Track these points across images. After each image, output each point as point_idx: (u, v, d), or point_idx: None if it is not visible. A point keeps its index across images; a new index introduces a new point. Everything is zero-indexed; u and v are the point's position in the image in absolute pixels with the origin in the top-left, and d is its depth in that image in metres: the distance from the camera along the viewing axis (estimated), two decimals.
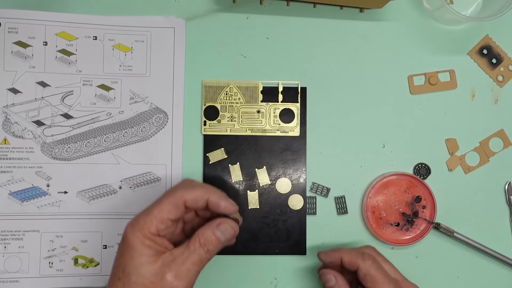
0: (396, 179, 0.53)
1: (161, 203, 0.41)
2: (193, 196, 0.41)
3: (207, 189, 0.42)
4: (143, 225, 0.40)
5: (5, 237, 0.51)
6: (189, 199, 0.41)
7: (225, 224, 0.42)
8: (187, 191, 0.41)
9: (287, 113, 0.53)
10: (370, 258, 0.45)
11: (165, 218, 0.40)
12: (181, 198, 0.41)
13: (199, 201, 0.41)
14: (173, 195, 0.41)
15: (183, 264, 0.39)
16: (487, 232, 0.54)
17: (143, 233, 0.39)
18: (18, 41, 0.51)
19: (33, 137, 0.51)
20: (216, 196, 0.42)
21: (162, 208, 0.40)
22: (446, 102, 0.54)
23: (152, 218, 0.40)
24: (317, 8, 0.53)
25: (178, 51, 0.53)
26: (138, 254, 0.39)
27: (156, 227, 0.40)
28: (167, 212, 0.40)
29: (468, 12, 0.55)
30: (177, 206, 0.41)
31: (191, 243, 0.41)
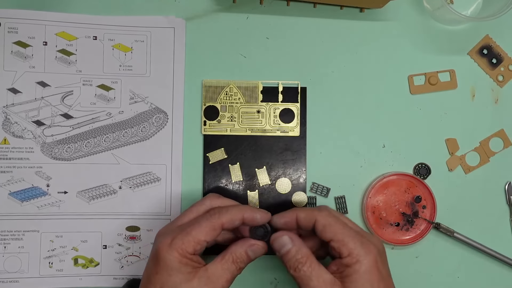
0: (396, 179, 0.53)
1: (200, 225, 0.42)
2: (230, 218, 0.42)
3: (240, 207, 0.43)
4: (181, 245, 0.41)
5: (5, 237, 0.51)
6: (226, 221, 0.42)
7: (258, 246, 0.44)
8: (223, 214, 0.42)
9: (287, 113, 0.53)
10: (326, 209, 0.44)
11: (202, 240, 0.41)
12: (218, 222, 0.42)
13: (235, 221, 0.43)
14: (210, 218, 0.42)
15: (218, 281, 0.41)
16: (487, 232, 0.54)
17: (181, 253, 0.41)
18: (18, 41, 0.51)
19: (33, 137, 0.51)
20: (250, 211, 0.43)
21: (201, 231, 0.41)
22: (446, 102, 0.54)
23: (190, 239, 0.41)
24: (317, 8, 0.53)
25: (178, 51, 0.53)
26: (176, 272, 0.40)
27: (193, 248, 0.41)
28: (205, 234, 0.41)
29: (468, 12, 0.55)
30: (214, 229, 0.42)
31: (225, 260, 0.42)
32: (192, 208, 0.45)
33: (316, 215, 0.43)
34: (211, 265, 0.42)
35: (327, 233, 0.42)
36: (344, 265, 0.41)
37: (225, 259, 0.42)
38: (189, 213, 0.44)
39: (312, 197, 0.52)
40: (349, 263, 0.41)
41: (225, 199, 0.46)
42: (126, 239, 0.51)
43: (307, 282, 0.41)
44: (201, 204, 0.45)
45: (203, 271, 0.41)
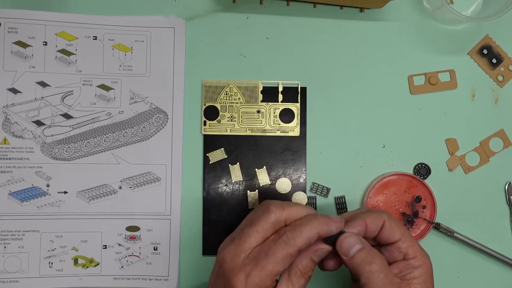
0: (396, 179, 0.53)
1: (275, 255, 0.37)
2: (306, 240, 0.38)
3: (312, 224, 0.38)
4: (259, 282, 0.37)
5: (5, 237, 0.51)
6: (303, 245, 0.38)
7: (322, 250, 0.39)
8: (297, 237, 0.37)
9: (287, 113, 0.53)
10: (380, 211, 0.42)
11: (280, 270, 0.38)
12: (295, 248, 0.37)
13: (311, 241, 0.38)
14: (286, 246, 0.37)
15: None
16: (487, 232, 0.54)
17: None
18: (18, 41, 0.51)
19: (33, 137, 0.51)
20: (325, 226, 0.38)
21: (277, 261, 0.37)
22: (446, 102, 0.54)
23: (267, 273, 0.37)
24: (317, 8, 0.53)
25: (178, 51, 0.53)
26: None
27: (271, 281, 0.38)
28: (282, 264, 0.37)
29: (468, 12, 0.55)
30: (291, 256, 0.38)
31: (293, 275, 0.39)
32: (257, 225, 0.39)
33: (383, 216, 0.40)
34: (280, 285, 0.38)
35: (396, 233, 0.40)
36: (410, 267, 0.40)
37: (292, 274, 0.39)
38: (255, 232, 0.39)
39: (312, 197, 0.52)
40: (416, 265, 0.40)
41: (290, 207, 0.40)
42: (126, 239, 0.51)
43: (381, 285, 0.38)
44: (265, 219, 0.39)
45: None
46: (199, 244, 0.52)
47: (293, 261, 0.39)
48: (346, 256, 0.39)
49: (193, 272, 0.52)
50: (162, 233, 0.52)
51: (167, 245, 0.52)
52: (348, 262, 0.39)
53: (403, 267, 0.40)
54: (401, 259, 0.40)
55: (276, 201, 0.41)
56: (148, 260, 0.51)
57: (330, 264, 0.41)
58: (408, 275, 0.39)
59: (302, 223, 0.39)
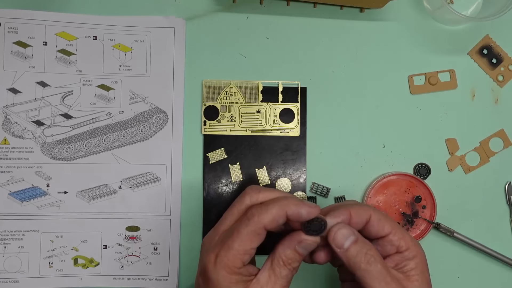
0: (396, 179, 0.53)
1: (240, 233, 0.37)
2: (270, 218, 0.37)
3: (281, 202, 0.37)
4: (227, 262, 0.36)
5: (5, 237, 0.51)
6: (268, 223, 0.37)
7: (307, 241, 0.38)
8: (263, 215, 0.37)
9: (287, 113, 0.53)
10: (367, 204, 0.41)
11: (248, 249, 0.37)
12: (259, 225, 0.37)
13: (278, 220, 0.37)
14: (249, 222, 0.37)
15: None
16: (487, 232, 0.54)
17: (228, 270, 0.37)
18: (18, 41, 0.51)
19: (33, 137, 0.51)
20: (293, 206, 0.37)
21: (243, 240, 0.37)
22: (446, 102, 0.54)
23: (234, 253, 0.36)
24: (317, 8, 0.53)
25: (178, 51, 0.53)
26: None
27: (240, 260, 0.37)
28: (249, 242, 0.37)
29: (468, 12, 0.55)
30: (257, 234, 0.37)
31: (275, 265, 0.38)
32: (233, 208, 0.39)
33: (369, 210, 0.39)
34: (261, 274, 0.37)
35: (385, 226, 0.39)
36: (405, 259, 0.39)
37: (274, 263, 0.38)
38: (230, 215, 0.39)
39: (312, 197, 0.52)
40: (410, 257, 0.39)
41: (266, 191, 0.39)
42: (126, 239, 0.51)
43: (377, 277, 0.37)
44: (240, 202, 0.39)
45: (255, 284, 0.37)
46: (199, 244, 0.52)
47: (276, 250, 0.38)
48: (340, 248, 0.37)
49: (193, 272, 0.52)
50: (162, 233, 0.52)
51: (167, 245, 0.52)
52: (343, 254, 0.37)
53: (398, 260, 0.39)
54: (394, 252, 0.39)
55: (254, 185, 0.40)
56: (148, 260, 0.51)
57: (320, 256, 0.40)
58: (404, 267, 0.39)
59: (270, 202, 0.38)
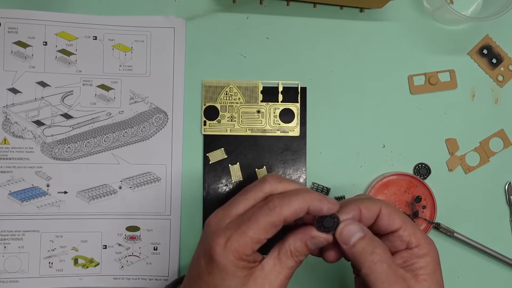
0: (396, 179, 0.53)
1: (258, 222, 0.35)
2: (292, 211, 0.35)
3: (305, 196, 0.36)
4: (237, 247, 0.35)
5: (5, 237, 0.51)
6: (289, 215, 0.35)
7: (319, 238, 0.37)
8: (285, 206, 0.35)
9: (287, 113, 0.53)
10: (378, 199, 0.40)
11: (262, 239, 0.35)
12: (280, 217, 0.35)
13: (299, 214, 0.36)
14: (270, 213, 0.35)
15: (277, 279, 0.36)
16: (487, 232, 0.54)
17: (237, 256, 0.35)
18: (18, 41, 0.51)
19: (33, 137, 0.51)
20: (316, 202, 0.36)
21: (259, 228, 0.35)
22: (446, 102, 0.54)
23: (247, 240, 0.35)
24: (317, 8, 0.53)
25: (178, 51, 0.53)
26: (231, 277, 0.35)
27: (251, 248, 0.35)
28: (264, 232, 0.35)
29: (468, 12, 0.55)
30: (275, 225, 0.35)
31: (282, 254, 0.37)
32: (249, 193, 0.37)
33: (379, 203, 0.38)
34: (267, 262, 0.36)
35: (395, 220, 0.37)
36: (414, 256, 0.37)
37: (281, 253, 0.37)
38: (245, 200, 0.37)
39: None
40: (420, 254, 0.37)
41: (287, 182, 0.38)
42: (126, 239, 0.51)
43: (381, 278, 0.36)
44: (259, 189, 0.37)
45: (259, 271, 0.36)
46: None
47: (286, 240, 0.37)
48: (346, 244, 0.37)
49: None
50: (162, 233, 0.52)
51: (167, 245, 0.52)
52: (349, 251, 0.37)
53: (407, 257, 0.37)
54: (403, 248, 0.38)
55: (275, 174, 0.39)
56: (148, 260, 0.51)
57: (330, 255, 0.39)
58: (413, 265, 0.37)
59: (293, 193, 0.36)
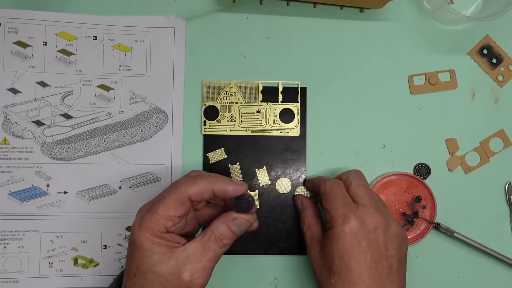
0: (396, 179, 0.53)
1: (165, 200, 0.40)
2: (196, 190, 0.40)
3: (210, 179, 0.41)
4: (150, 225, 0.39)
5: (4, 237, 0.51)
6: (193, 194, 0.40)
7: (240, 219, 0.41)
8: (190, 186, 0.40)
9: (287, 113, 0.53)
10: (333, 181, 0.47)
11: (171, 216, 0.39)
12: (184, 194, 0.40)
13: (204, 194, 0.40)
14: (175, 191, 0.40)
15: (199, 261, 0.39)
16: (487, 232, 0.54)
17: (151, 232, 0.39)
18: (18, 41, 0.51)
19: (33, 137, 0.51)
20: (221, 184, 0.40)
21: (167, 206, 0.39)
22: (446, 102, 0.54)
23: (158, 217, 0.39)
24: (317, 8, 0.53)
25: (178, 51, 0.53)
26: (149, 254, 0.39)
27: (163, 225, 0.39)
28: (173, 209, 0.39)
29: (468, 12, 0.55)
30: (181, 203, 0.40)
31: (206, 238, 0.40)
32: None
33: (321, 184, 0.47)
34: (190, 244, 0.40)
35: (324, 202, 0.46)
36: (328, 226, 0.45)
37: (206, 236, 0.40)
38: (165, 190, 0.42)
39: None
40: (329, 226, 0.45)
41: (204, 173, 0.44)
42: (126, 239, 0.51)
43: (308, 230, 0.48)
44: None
45: (181, 251, 0.39)
46: None
47: (211, 225, 0.41)
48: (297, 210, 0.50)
49: None
50: None
51: None
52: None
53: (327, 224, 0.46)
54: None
55: (198, 170, 0.47)
56: None
57: None
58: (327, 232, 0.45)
59: (200, 177, 0.41)
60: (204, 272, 0.39)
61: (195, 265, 0.39)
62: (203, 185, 0.40)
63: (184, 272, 0.39)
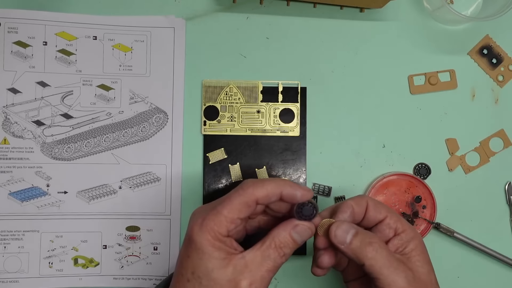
0: (396, 179, 0.53)
1: (231, 202, 0.37)
2: (265, 192, 0.37)
3: (278, 182, 0.38)
4: (213, 226, 0.36)
5: (5, 237, 0.51)
6: (261, 196, 0.37)
7: (302, 226, 0.38)
8: (258, 188, 0.37)
9: (287, 113, 0.53)
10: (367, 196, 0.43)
11: (235, 218, 0.37)
12: (252, 197, 0.37)
13: (271, 197, 0.38)
14: (243, 192, 0.37)
15: (258, 271, 0.37)
16: (487, 232, 0.54)
17: (213, 235, 0.36)
18: (17, 41, 0.51)
19: (33, 137, 0.51)
20: (289, 187, 0.38)
21: (233, 208, 0.37)
22: (446, 102, 0.54)
23: (222, 218, 0.36)
24: (317, 8, 0.53)
25: (178, 51, 0.53)
26: (208, 257, 0.36)
27: (226, 228, 0.37)
28: (238, 211, 0.37)
29: (468, 12, 0.55)
30: (248, 205, 0.37)
31: (266, 246, 0.37)
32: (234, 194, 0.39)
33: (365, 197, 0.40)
34: (249, 252, 0.37)
35: (382, 210, 0.40)
36: (404, 241, 0.39)
37: (265, 244, 0.37)
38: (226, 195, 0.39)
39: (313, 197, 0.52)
40: (408, 239, 0.39)
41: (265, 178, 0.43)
42: (126, 239, 0.51)
43: (385, 263, 0.37)
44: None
45: (239, 258, 0.36)
46: None
47: (271, 233, 0.38)
48: (343, 244, 0.38)
49: None
50: (162, 233, 0.52)
51: (167, 245, 0.52)
52: (347, 249, 0.38)
53: (398, 244, 0.39)
54: (392, 235, 0.39)
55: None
56: (148, 260, 0.51)
57: (324, 260, 0.40)
58: (405, 250, 0.39)
59: (267, 179, 0.39)
60: (263, 283, 0.37)
61: (253, 274, 0.36)
62: (271, 188, 0.37)
63: (242, 280, 0.36)
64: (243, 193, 0.37)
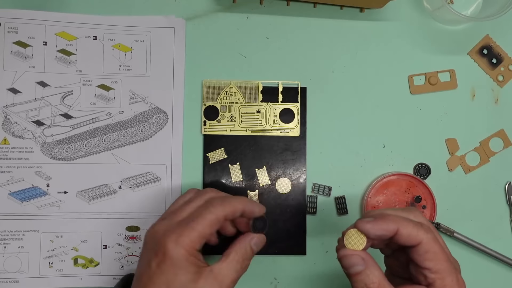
0: (396, 179, 0.53)
1: (203, 218, 0.40)
2: (232, 209, 0.41)
3: (241, 199, 0.43)
4: (188, 242, 0.39)
5: (5, 237, 0.51)
6: (229, 213, 0.41)
7: (258, 238, 0.43)
8: (226, 206, 0.41)
9: (287, 113, 0.53)
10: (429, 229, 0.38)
11: (207, 234, 0.40)
12: (222, 214, 0.41)
13: (236, 213, 0.42)
14: (213, 210, 0.41)
15: (224, 281, 0.40)
16: (487, 232, 0.54)
17: (188, 250, 0.39)
18: (17, 41, 0.51)
19: (33, 137, 0.51)
20: (249, 204, 0.43)
21: (205, 224, 0.40)
22: (446, 102, 0.54)
23: (196, 234, 0.39)
24: (317, 8, 0.53)
25: (178, 51, 0.53)
26: (184, 272, 0.39)
27: (199, 243, 0.40)
28: (210, 227, 0.40)
29: (468, 12, 0.55)
30: (218, 221, 0.41)
31: (230, 260, 0.41)
32: (192, 202, 0.43)
33: (422, 237, 0.37)
34: (216, 266, 0.40)
35: (430, 261, 0.37)
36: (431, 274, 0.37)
37: (229, 258, 0.41)
38: (189, 207, 0.42)
39: (313, 196, 0.52)
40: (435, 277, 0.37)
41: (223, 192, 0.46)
42: (126, 239, 0.51)
43: None
44: (201, 198, 0.43)
45: (208, 272, 0.40)
46: None
47: (233, 248, 0.42)
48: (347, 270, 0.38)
49: None
50: None
51: None
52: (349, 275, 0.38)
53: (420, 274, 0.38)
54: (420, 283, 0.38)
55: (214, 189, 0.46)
56: None
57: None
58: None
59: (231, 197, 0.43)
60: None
61: (220, 285, 0.40)
62: (236, 204, 0.42)
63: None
64: (214, 210, 0.41)
